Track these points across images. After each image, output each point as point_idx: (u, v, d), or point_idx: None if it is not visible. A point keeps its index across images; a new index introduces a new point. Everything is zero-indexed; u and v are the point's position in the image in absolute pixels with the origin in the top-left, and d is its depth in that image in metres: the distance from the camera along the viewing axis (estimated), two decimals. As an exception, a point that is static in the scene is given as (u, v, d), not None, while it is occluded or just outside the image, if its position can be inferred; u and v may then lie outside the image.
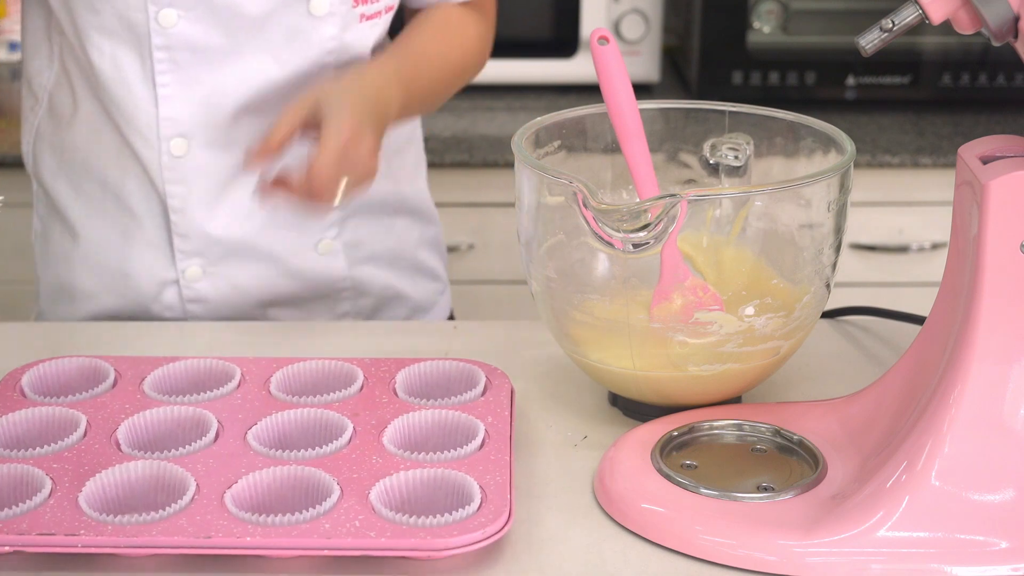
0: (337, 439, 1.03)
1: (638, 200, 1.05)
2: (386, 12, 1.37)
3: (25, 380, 1.13)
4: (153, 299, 1.39)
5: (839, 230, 1.10)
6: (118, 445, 1.04)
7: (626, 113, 1.10)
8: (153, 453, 1.02)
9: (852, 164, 1.08)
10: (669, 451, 1.05)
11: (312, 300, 1.43)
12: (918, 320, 1.26)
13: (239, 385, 1.13)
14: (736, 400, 1.14)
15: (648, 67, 2.38)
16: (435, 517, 0.93)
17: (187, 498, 0.96)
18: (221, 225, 1.36)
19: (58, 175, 1.41)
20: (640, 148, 1.10)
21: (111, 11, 1.29)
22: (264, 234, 1.38)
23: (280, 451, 1.02)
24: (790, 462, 1.04)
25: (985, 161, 0.97)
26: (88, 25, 1.31)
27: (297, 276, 1.40)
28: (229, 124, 1.32)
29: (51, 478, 0.98)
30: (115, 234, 1.39)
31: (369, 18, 1.35)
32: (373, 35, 1.37)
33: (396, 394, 1.11)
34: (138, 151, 1.34)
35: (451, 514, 0.94)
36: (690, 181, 1.17)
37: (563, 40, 2.39)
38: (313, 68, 1.33)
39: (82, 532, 0.92)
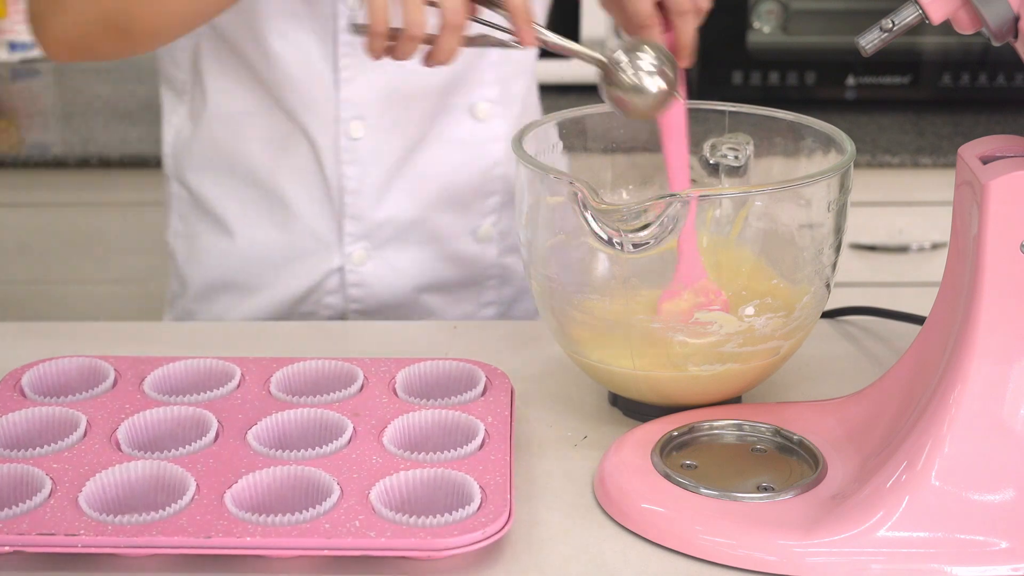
0: (337, 439, 1.04)
1: (638, 200, 1.05)
2: None
3: (25, 380, 1.13)
4: (316, 287, 1.41)
5: (839, 230, 1.10)
6: (118, 445, 1.04)
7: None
8: (153, 453, 1.02)
9: (852, 164, 1.08)
10: (669, 451, 1.05)
11: (461, 287, 1.46)
12: (918, 320, 1.26)
13: (239, 385, 1.13)
14: (736, 400, 1.14)
15: (648, 67, 2.38)
16: (435, 517, 0.93)
17: (187, 498, 0.96)
18: (391, 206, 1.39)
19: (204, 174, 1.42)
20: (682, 145, 1.12)
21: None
22: (429, 217, 1.41)
23: (280, 451, 1.02)
24: (790, 462, 1.04)
25: (985, 161, 0.97)
26: (272, 11, 1.31)
27: (453, 261, 1.44)
28: (404, 106, 1.34)
29: (51, 478, 0.98)
30: (273, 227, 1.40)
31: None
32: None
33: (396, 394, 1.11)
34: (313, 136, 1.35)
35: (451, 514, 0.94)
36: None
37: (563, 40, 2.39)
38: (483, 50, 1.34)
39: (82, 532, 0.92)
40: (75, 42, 1.26)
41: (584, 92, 2.37)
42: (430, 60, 1.06)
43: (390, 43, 1.05)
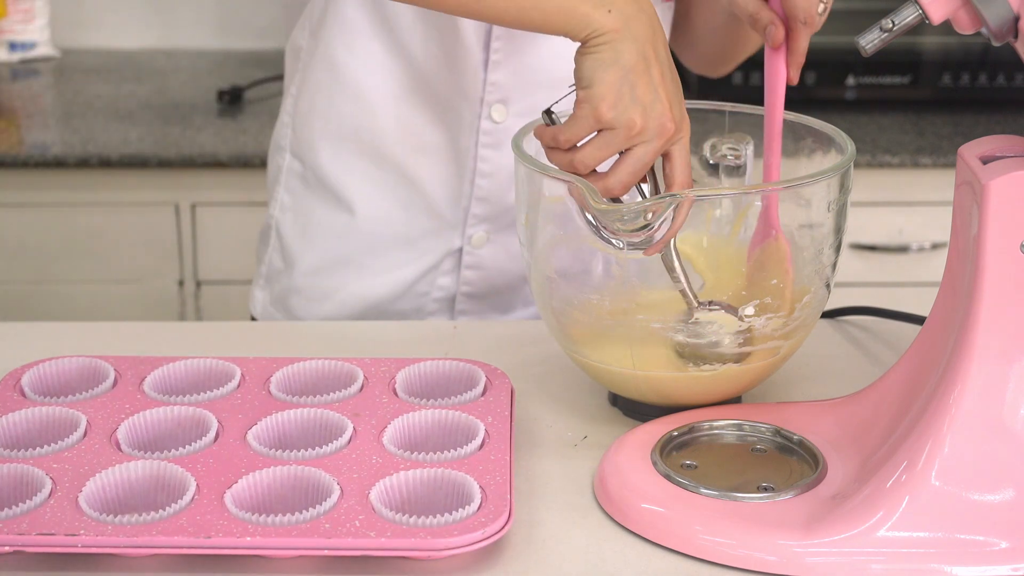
0: (337, 439, 1.04)
1: (638, 200, 1.05)
2: None
3: (25, 380, 1.13)
4: (434, 267, 1.41)
5: (839, 230, 1.10)
6: (118, 445, 1.04)
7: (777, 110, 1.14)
8: (153, 453, 1.02)
9: (852, 164, 1.08)
10: (669, 451, 1.05)
11: None
12: (918, 320, 1.26)
13: (239, 385, 1.13)
14: (736, 400, 1.14)
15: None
16: (435, 517, 0.93)
17: (187, 498, 0.96)
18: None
19: (326, 147, 1.40)
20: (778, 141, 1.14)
21: None
22: None
23: (280, 451, 1.02)
24: (790, 462, 1.04)
25: (985, 161, 0.97)
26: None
27: None
28: (544, 93, 1.33)
29: (51, 478, 0.98)
30: (396, 206, 1.40)
31: None
32: None
33: (396, 394, 1.11)
34: (454, 117, 1.35)
35: (451, 514, 0.94)
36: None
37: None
38: None
39: (82, 532, 0.92)
40: None
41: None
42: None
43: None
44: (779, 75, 1.13)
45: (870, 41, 0.99)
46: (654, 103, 1.03)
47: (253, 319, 1.49)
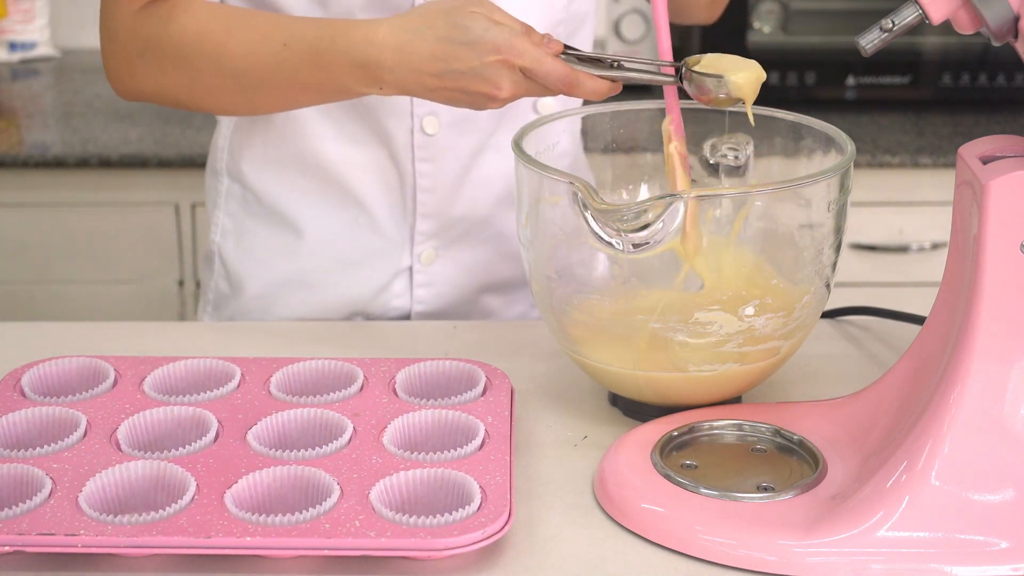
0: (337, 439, 1.04)
1: (638, 200, 1.05)
2: None
3: (25, 380, 1.13)
4: (383, 287, 1.40)
5: (839, 230, 1.10)
6: (118, 445, 1.04)
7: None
8: (153, 453, 1.02)
9: (852, 164, 1.08)
10: (669, 451, 1.05)
11: (517, 287, 1.45)
12: (918, 320, 1.26)
13: (239, 385, 1.13)
14: (736, 400, 1.14)
15: (648, 67, 2.38)
16: (435, 517, 0.93)
17: (187, 498, 0.96)
18: (463, 205, 1.38)
19: (267, 170, 1.39)
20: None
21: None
22: (495, 214, 1.40)
23: (280, 451, 1.02)
24: (790, 462, 1.04)
25: (985, 161, 0.97)
26: (351, 5, 1.29)
27: (512, 259, 1.43)
28: None
29: (51, 478, 0.98)
30: (343, 225, 1.39)
31: None
32: (591, 1, 1.39)
33: (396, 394, 1.11)
34: (387, 132, 1.34)
35: (451, 514, 0.94)
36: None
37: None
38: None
39: (82, 532, 0.92)
40: (149, 99, 1.29)
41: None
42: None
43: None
44: None
45: (870, 41, 0.99)
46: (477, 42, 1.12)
47: None
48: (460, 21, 1.13)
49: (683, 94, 1.13)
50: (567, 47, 1.13)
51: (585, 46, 1.41)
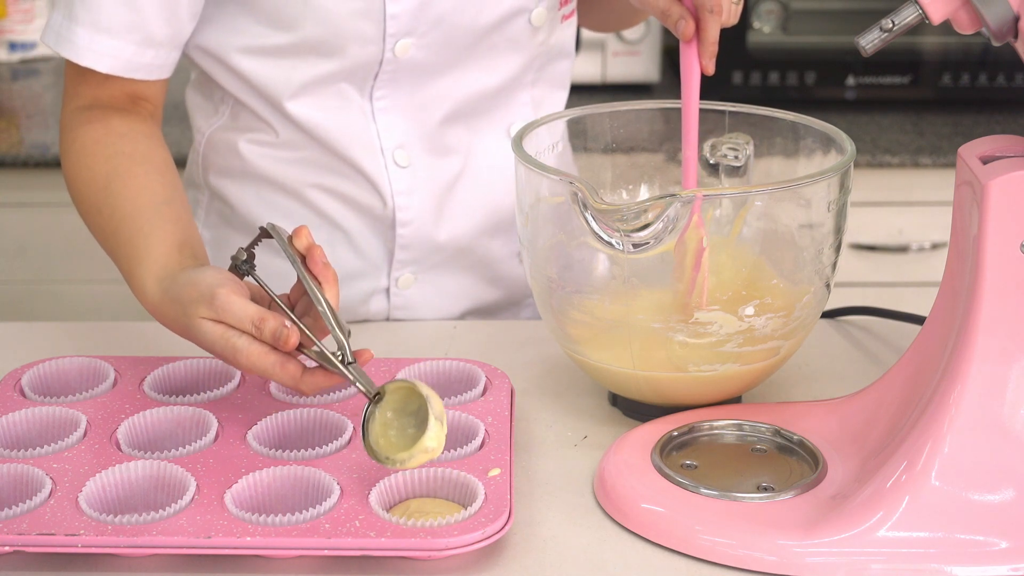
0: (337, 439, 1.04)
1: (638, 200, 1.05)
2: (572, 10, 1.38)
3: (25, 380, 1.13)
4: (359, 304, 1.39)
5: (839, 230, 1.10)
6: (118, 445, 1.04)
7: (691, 110, 1.14)
8: (153, 453, 1.02)
9: (852, 164, 1.08)
10: (669, 451, 1.05)
11: (501, 308, 1.45)
12: (918, 320, 1.26)
13: (239, 385, 1.13)
14: (736, 400, 1.14)
15: (648, 67, 2.38)
16: (435, 517, 0.93)
17: (187, 498, 0.96)
18: (444, 233, 1.37)
19: (245, 187, 1.38)
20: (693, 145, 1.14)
21: (348, 55, 1.27)
22: (477, 242, 1.39)
23: (280, 451, 1.02)
24: (790, 462, 1.04)
25: (985, 161, 0.97)
26: (338, 14, 1.27)
27: (496, 284, 1.42)
28: (438, 130, 1.33)
29: (51, 478, 0.99)
30: (322, 243, 1.35)
31: (567, 17, 1.36)
32: (571, 33, 1.38)
33: (396, 394, 1.11)
34: (363, 166, 1.33)
35: (451, 514, 0.94)
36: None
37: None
38: (520, 72, 1.34)
39: (82, 532, 0.92)
40: None
41: (584, 92, 2.37)
42: None
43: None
44: (693, 68, 1.13)
45: (870, 41, 0.99)
46: None
47: None
48: (190, 323, 1.08)
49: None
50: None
51: (563, 80, 1.40)
